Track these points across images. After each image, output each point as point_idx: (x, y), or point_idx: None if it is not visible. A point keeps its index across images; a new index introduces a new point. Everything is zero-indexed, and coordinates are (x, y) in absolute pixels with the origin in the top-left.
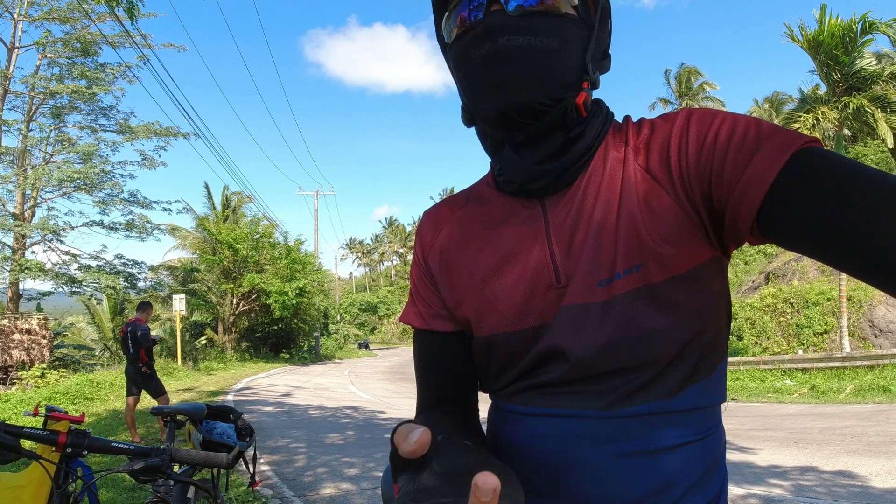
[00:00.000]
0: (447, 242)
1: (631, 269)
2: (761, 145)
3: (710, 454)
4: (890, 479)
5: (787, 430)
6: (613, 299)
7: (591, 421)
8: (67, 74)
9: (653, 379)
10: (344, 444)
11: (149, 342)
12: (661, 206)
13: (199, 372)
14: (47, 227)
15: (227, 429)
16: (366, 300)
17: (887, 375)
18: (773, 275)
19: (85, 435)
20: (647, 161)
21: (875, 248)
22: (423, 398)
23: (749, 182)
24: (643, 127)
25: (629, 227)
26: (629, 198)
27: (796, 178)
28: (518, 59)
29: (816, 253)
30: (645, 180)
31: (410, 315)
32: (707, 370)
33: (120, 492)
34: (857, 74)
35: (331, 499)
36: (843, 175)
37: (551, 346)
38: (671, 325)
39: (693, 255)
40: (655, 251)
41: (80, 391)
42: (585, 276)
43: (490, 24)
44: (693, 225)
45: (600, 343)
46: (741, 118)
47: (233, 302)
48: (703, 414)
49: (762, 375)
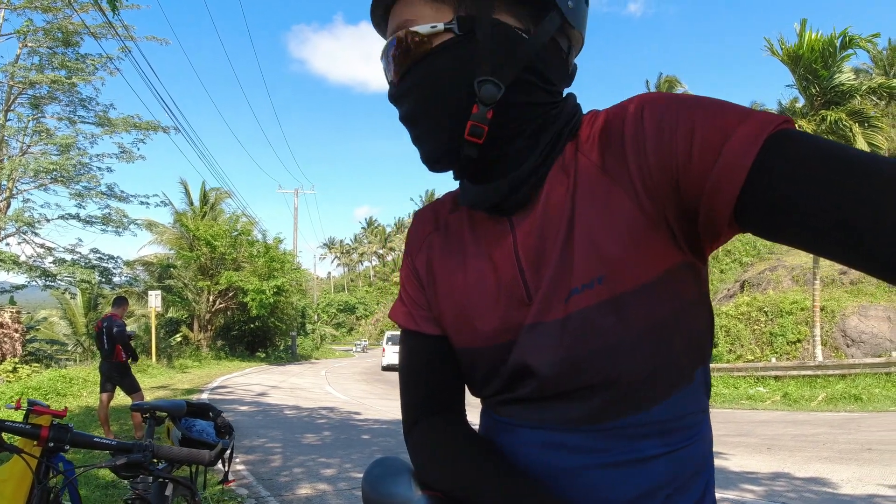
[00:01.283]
0: (432, 251)
1: (591, 282)
2: (731, 132)
3: (693, 459)
4: (860, 486)
5: (760, 437)
6: (572, 315)
7: (568, 434)
8: (48, 64)
9: (624, 394)
10: (321, 444)
11: (125, 338)
12: (619, 209)
13: (173, 370)
14: (22, 218)
15: (207, 426)
16: (344, 300)
17: (859, 384)
18: (748, 283)
19: (67, 429)
20: (603, 159)
21: (864, 232)
22: (415, 404)
23: (722, 174)
24: (595, 121)
25: (586, 238)
26: (585, 204)
27: (773, 165)
28: (415, 119)
29: (800, 241)
30: (601, 182)
31: (399, 314)
32: (685, 379)
33: (95, 489)
34: (835, 88)
35: (307, 499)
36: (821, 157)
37: (520, 363)
38: (638, 337)
39: (658, 262)
40: (615, 261)
41: (53, 387)
42: (548, 293)
43: (390, 94)
44: (657, 228)
45: (562, 360)
46: (703, 101)
47: (209, 299)
48: (683, 422)
49: (736, 382)
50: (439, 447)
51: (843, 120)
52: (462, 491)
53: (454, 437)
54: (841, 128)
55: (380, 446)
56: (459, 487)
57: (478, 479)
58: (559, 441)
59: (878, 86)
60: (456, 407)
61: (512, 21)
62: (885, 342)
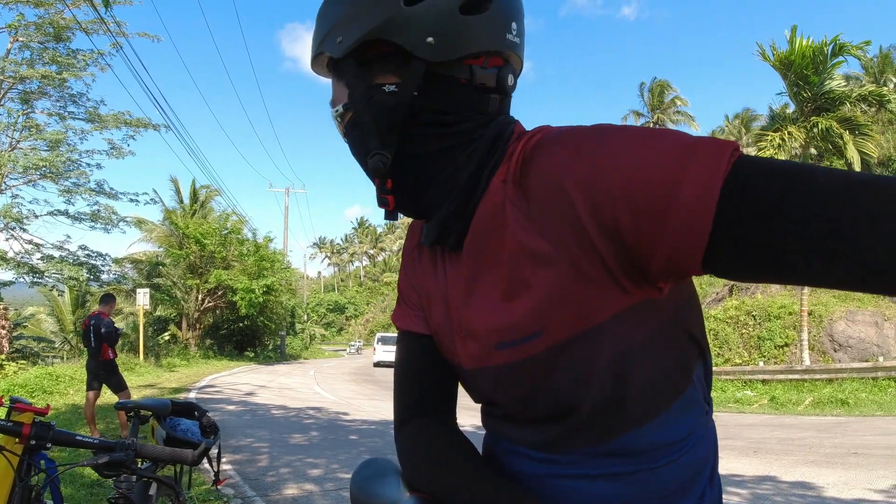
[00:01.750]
0: (420, 262)
1: (531, 335)
2: (678, 179)
3: (685, 472)
4: (846, 490)
5: (747, 440)
6: (515, 364)
7: (544, 452)
8: (38, 59)
9: (583, 425)
10: (308, 444)
11: (113, 337)
12: (550, 265)
13: (161, 368)
14: (10, 214)
15: (192, 426)
16: (334, 300)
17: (845, 389)
18: (737, 287)
19: (49, 427)
20: (528, 207)
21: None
22: (406, 404)
23: (681, 232)
24: (518, 154)
25: (517, 289)
26: (514, 255)
27: (737, 211)
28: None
29: (772, 276)
30: (528, 232)
31: (397, 315)
32: (658, 408)
33: (79, 487)
34: (826, 95)
35: (294, 499)
36: (786, 188)
37: (483, 392)
38: (588, 376)
39: (603, 308)
40: (552, 317)
41: (39, 384)
42: (485, 340)
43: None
44: (596, 281)
45: (517, 397)
46: (637, 135)
47: (198, 298)
48: (662, 447)
49: (723, 386)
50: (423, 448)
51: (833, 128)
52: (441, 492)
53: (438, 439)
54: (832, 136)
55: (367, 447)
56: (440, 489)
57: (455, 482)
58: (537, 455)
59: (869, 93)
60: (445, 408)
61: (392, 78)
62: (872, 347)
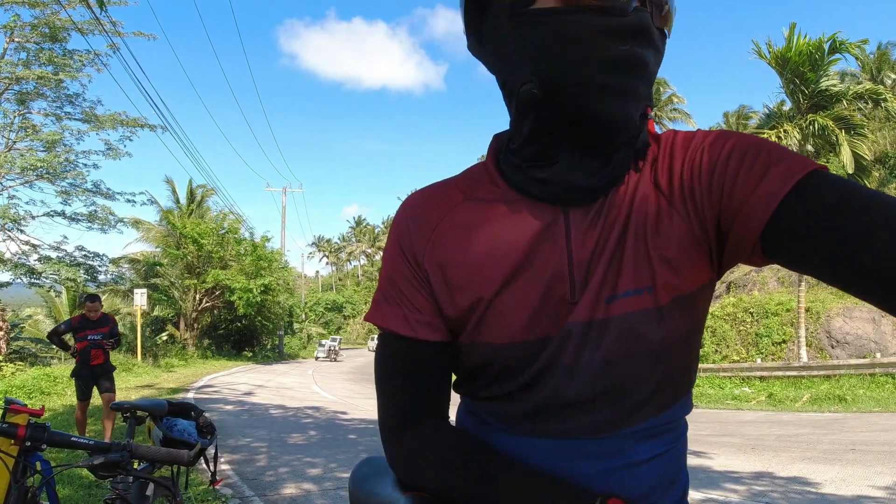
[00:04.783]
0: (449, 248)
1: (640, 290)
2: (771, 169)
3: (680, 459)
4: (843, 487)
5: (745, 437)
6: (618, 318)
7: (584, 441)
8: (35, 60)
9: (647, 399)
10: (306, 444)
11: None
12: (671, 227)
13: (159, 368)
14: (8, 215)
15: (189, 426)
16: (331, 299)
17: (843, 385)
18: (734, 285)
19: (44, 428)
20: (661, 180)
21: (887, 269)
22: (403, 410)
23: (755, 204)
24: (662, 144)
25: (641, 247)
26: (642, 215)
27: (802, 201)
28: (641, 71)
29: (821, 274)
30: (657, 200)
31: (390, 317)
32: (688, 385)
33: (77, 488)
34: (822, 93)
35: (292, 499)
36: (850, 198)
37: (552, 361)
38: (669, 346)
39: (696, 278)
40: (664, 274)
41: (37, 385)
42: (595, 293)
43: (641, 25)
44: (700, 247)
45: (599, 360)
46: (753, 140)
47: (196, 298)
48: (679, 423)
49: (721, 382)
50: (445, 450)
51: (829, 127)
52: (478, 490)
53: (458, 440)
54: (827, 135)
55: (366, 446)
56: (474, 489)
57: (498, 479)
58: (569, 448)
59: (866, 91)
60: (446, 413)
61: None
62: (869, 343)
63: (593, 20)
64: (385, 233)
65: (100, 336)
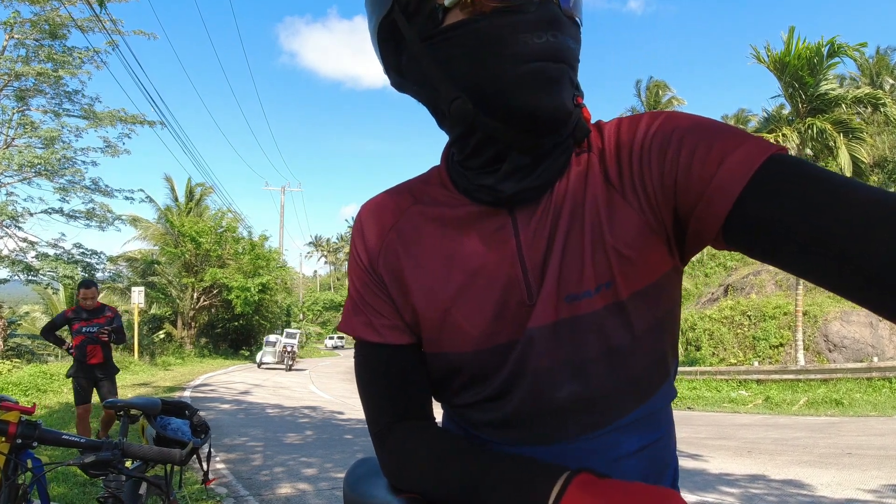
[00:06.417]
0: (399, 251)
1: (598, 287)
2: (728, 153)
3: (668, 447)
4: (839, 490)
5: (741, 440)
6: (583, 317)
7: (567, 444)
8: (34, 56)
9: (626, 393)
10: (302, 443)
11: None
12: (624, 217)
13: (155, 367)
14: (5, 212)
15: (182, 425)
16: (329, 298)
17: (840, 389)
18: (732, 288)
19: (35, 426)
20: (611, 173)
21: (850, 257)
22: (383, 415)
23: (716, 191)
24: (605, 131)
25: (596, 243)
26: (593, 210)
27: (764, 187)
28: (563, 59)
29: (779, 259)
30: (607, 190)
31: (357, 325)
32: (668, 373)
33: (71, 486)
34: (821, 97)
35: (287, 499)
36: (811, 182)
37: (521, 365)
38: (639, 338)
39: (655, 267)
40: (624, 267)
41: (34, 382)
42: (553, 293)
43: (550, 16)
44: (656, 236)
45: (569, 360)
46: (707, 123)
47: (193, 296)
48: (663, 411)
49: (718, 385)
50: (424, 450)
51: (828, 131)
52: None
53: (437, 438)
54: (826, 138)
55: (362, 446)
56: (464, 485)
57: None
58: (545, 455)
59: (864, 95)
60: (429, 410)
61: None
62: (866, 347)
63: (503, 20)
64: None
65: (95, 328)
